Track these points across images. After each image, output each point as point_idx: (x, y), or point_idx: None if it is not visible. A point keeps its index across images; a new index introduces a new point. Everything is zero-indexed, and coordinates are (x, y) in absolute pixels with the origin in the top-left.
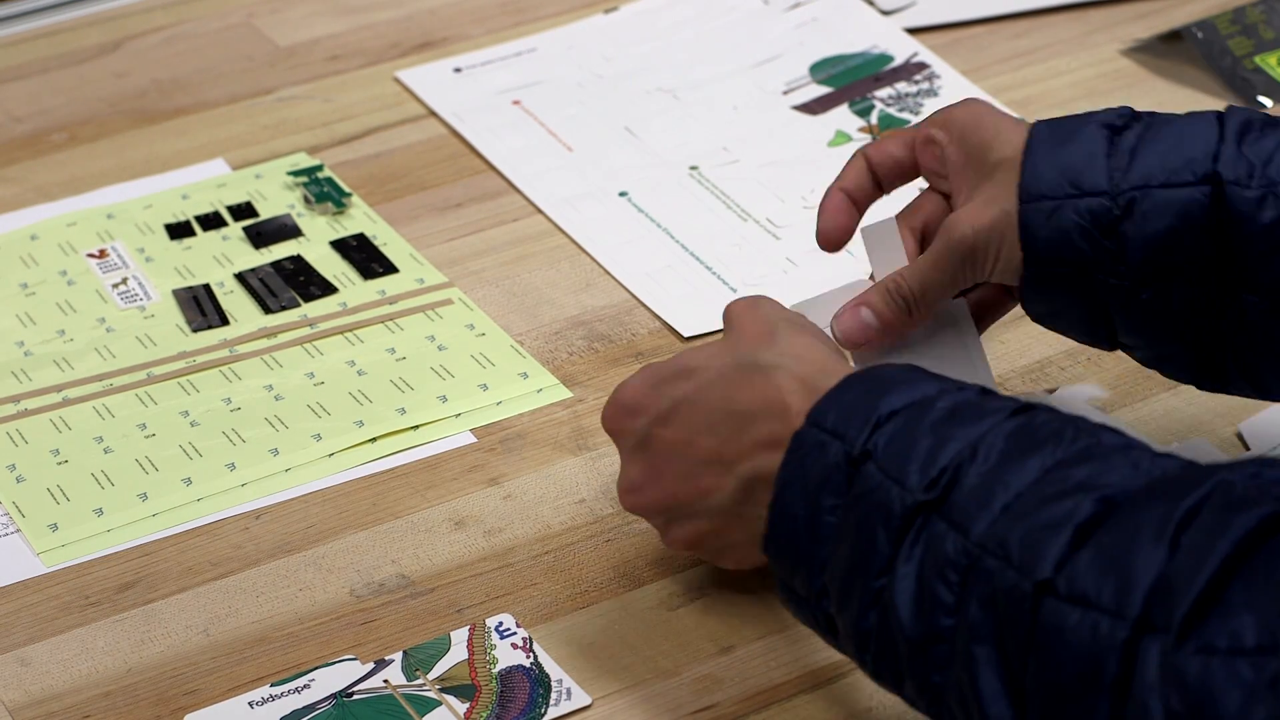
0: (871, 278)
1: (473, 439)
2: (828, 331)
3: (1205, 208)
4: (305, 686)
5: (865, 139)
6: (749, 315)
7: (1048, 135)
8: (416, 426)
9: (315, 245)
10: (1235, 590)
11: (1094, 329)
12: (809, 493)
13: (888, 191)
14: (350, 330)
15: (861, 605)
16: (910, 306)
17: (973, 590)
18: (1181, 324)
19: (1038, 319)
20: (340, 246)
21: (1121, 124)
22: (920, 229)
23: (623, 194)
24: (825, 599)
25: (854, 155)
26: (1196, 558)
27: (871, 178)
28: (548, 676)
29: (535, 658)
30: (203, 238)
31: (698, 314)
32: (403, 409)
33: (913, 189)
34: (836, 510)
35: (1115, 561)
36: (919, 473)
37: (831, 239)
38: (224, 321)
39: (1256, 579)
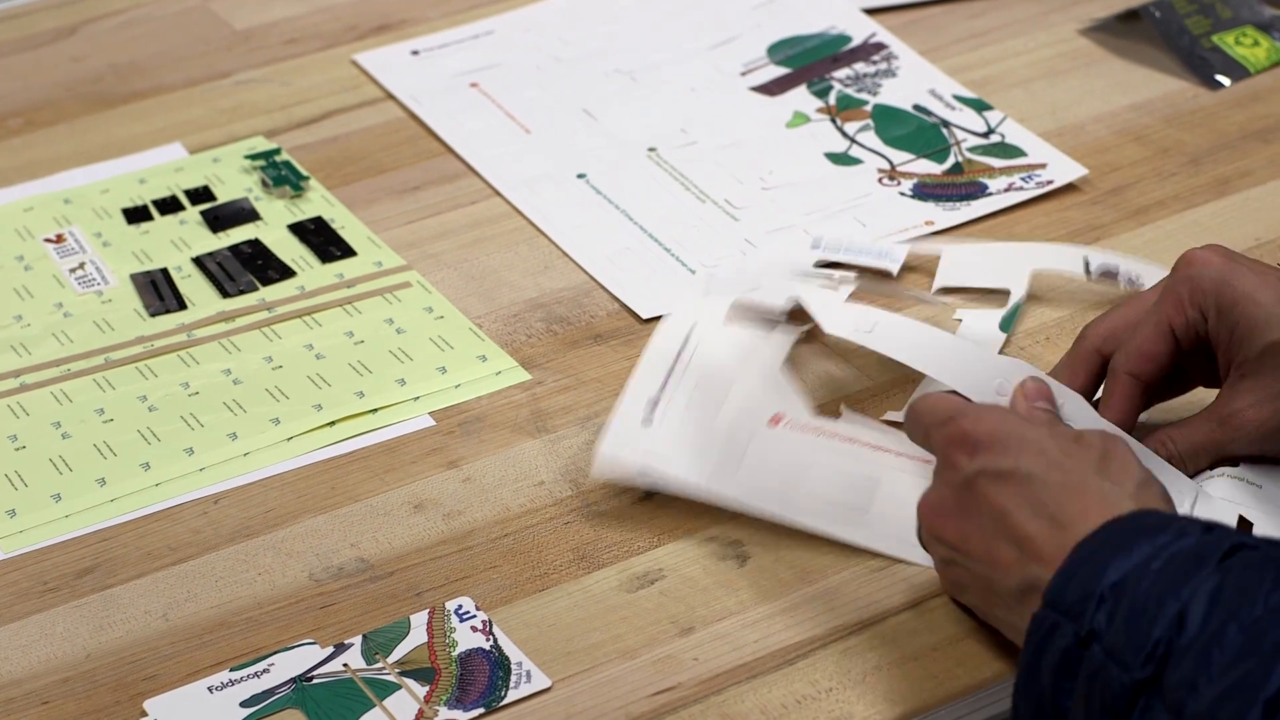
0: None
1: (431, 422)
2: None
3: None
4: (264, 671)
5: (824, 120)
6: (1112, 439)
7: None
8: (375, 410)
9: (273, 229)
10: None
11: None
12: (1046, 677)
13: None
14: (308, 314)
15: None
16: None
17: None
18: None
19: None
20: (298, 230)
21: None
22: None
23: (581, 176)
24: None
25: (1117, 378)
26: None
27: (1142, 389)
28: (507, 659)
29: (495, 640)
30: (160, 222)
31: (656, 296)
32: (361, 392)
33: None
34: (1072, 694)
35: None
36: (1134, 650)
37: None
38: (182, 306)
39: None
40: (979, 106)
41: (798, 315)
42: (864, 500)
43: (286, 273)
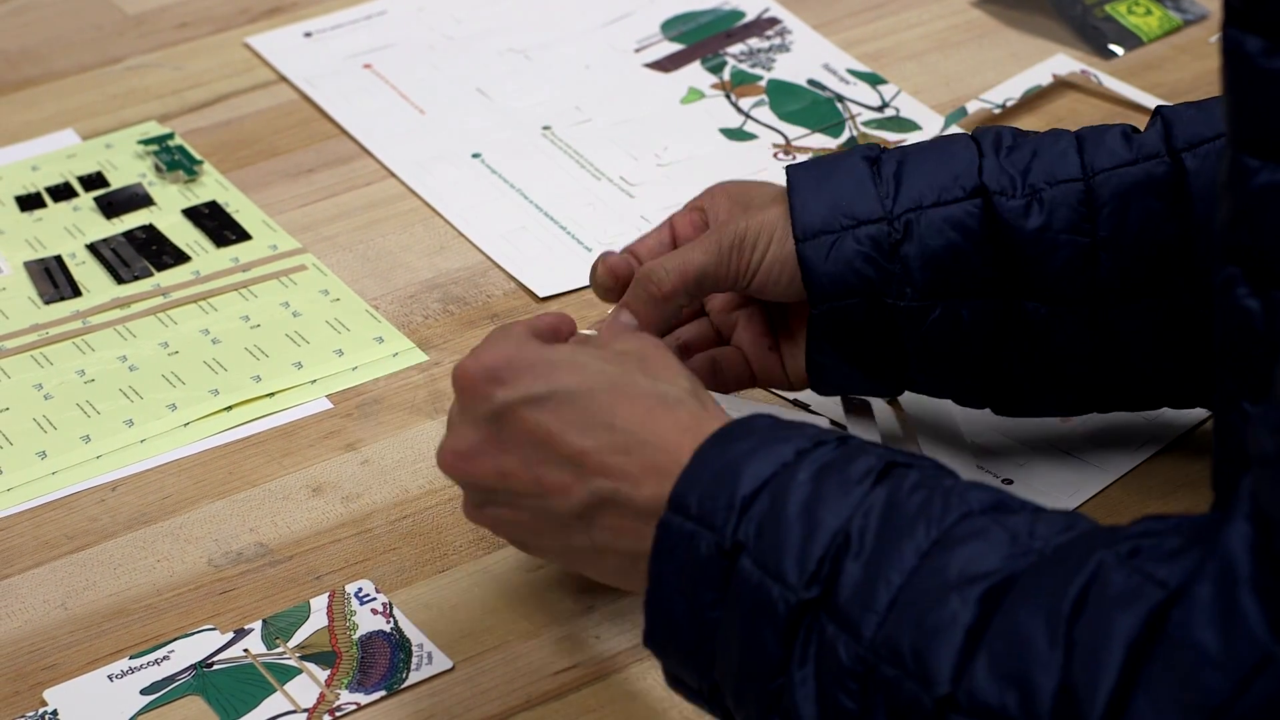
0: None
1: (329, 405)
2: None
3: (978, 219)
4: (165, 658)
5: (718, 95)
6: (649, 343)
7: (807, 174)
8: (272, 394)
9: (167, 214)
10: (1139, 704)
11: (882, 368)
12: (685, 588)
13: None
14: (204, 299)
15: (761, 708)
16: (669, 297)
17: (876, 701)
18: (973, 342)
19: (820, 376)
20: (192, 214)
21: (875, 155)
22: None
23: (476, 156)
24: (719, 694)
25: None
26: (1094, 666)
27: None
28: (408, 641)
29: (395, 623)
30: (53, 209)
31: (552, 274)
32: (258, 376)
33: None
34: (718, 605)
35: (1012, 669)
36: (796, 567)
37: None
38: (76, 293)
39: (1158, 691)
40: (873, 80)
41: None
42: None
43: (181, 258)
